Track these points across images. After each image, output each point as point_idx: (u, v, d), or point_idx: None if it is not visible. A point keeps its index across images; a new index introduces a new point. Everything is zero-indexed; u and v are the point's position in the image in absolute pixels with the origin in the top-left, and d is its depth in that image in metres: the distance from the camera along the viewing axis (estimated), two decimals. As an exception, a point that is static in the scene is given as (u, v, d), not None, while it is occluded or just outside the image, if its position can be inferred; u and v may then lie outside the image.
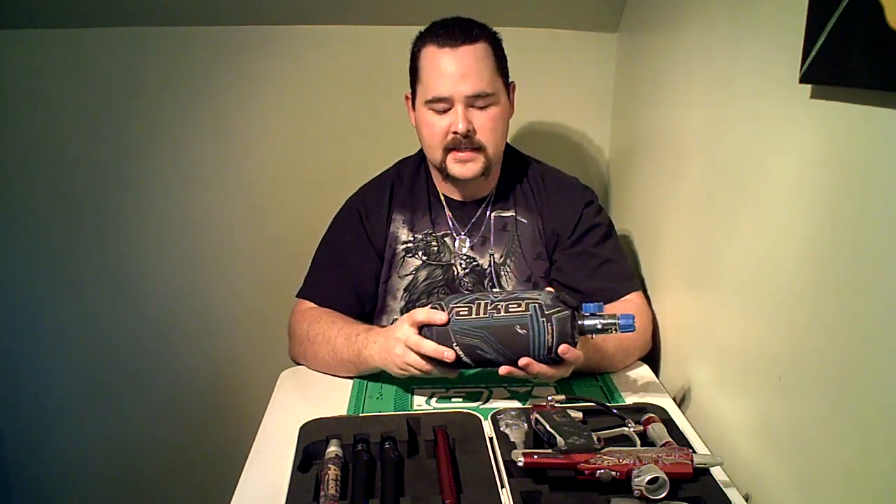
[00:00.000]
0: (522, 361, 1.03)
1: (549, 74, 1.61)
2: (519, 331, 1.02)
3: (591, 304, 1.05)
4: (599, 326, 1.04)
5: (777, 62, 0.87)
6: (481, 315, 1.04)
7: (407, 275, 1.32)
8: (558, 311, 1.02)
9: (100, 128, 1.61)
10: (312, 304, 1.30)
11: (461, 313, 1.05)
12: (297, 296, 1.33)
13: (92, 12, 1.50)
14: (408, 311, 1.18)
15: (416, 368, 1.08)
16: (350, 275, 1.32)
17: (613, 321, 1.04)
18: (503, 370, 1.05)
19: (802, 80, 0.79)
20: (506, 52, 1.28)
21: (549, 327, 1.02)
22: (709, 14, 1.12)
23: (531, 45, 1.31)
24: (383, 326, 1.26)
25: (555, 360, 1.04)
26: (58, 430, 1.78)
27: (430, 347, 1.05)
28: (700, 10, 1.15)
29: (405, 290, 1.32)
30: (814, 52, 0.76)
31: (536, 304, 1.03)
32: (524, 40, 1.44)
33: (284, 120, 1.65)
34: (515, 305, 1.04)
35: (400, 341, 1.08)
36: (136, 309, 1.72)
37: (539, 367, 1.03)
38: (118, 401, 1.78)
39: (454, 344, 1.05)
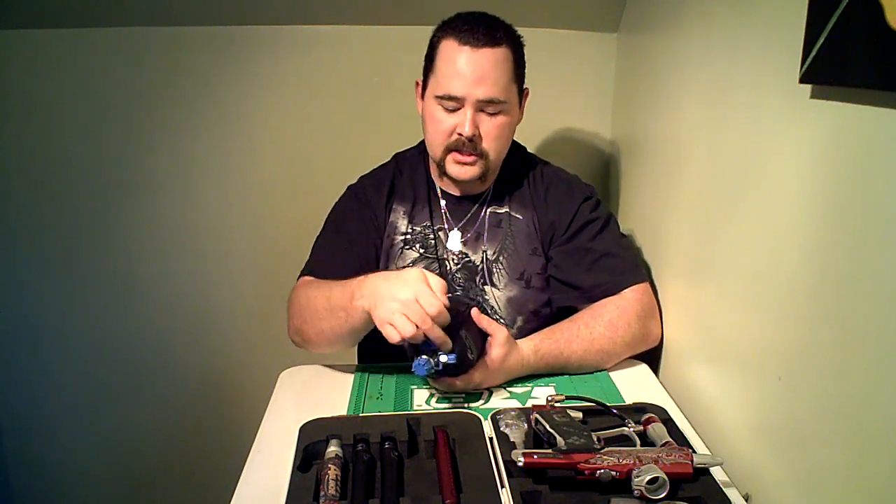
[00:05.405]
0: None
1: (549, 74, 1.61)
2: None
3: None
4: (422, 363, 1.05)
5: (777, 62, 0.87)
6: None
7: (404, 266, 1.30)
8: None
9: (100, 128, 1.62)
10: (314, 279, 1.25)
11: None
12: (301, 274, 1.28)
13: (92, 12, 1.51)
14: None
15: (402, 322, 1.01)
16: (355, 253, 1.28)
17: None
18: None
19: (802, 80, 0.79)
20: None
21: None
22: (709, 14, 1.12)
23: (531, 44, 1.31)
24: None
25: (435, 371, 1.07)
26: (58, 430, 1.79)
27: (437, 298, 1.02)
28: (700, 10, 1.15)
29: None
30: (814, 52, 0.76)
31: None
32: (524, 40, 1.43)
33: (284, 120, 1.65)
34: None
35: (412, 288, 1.02)
36: (136, 309, 1.72)
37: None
38: (118, 401, 1.78)
39: None
